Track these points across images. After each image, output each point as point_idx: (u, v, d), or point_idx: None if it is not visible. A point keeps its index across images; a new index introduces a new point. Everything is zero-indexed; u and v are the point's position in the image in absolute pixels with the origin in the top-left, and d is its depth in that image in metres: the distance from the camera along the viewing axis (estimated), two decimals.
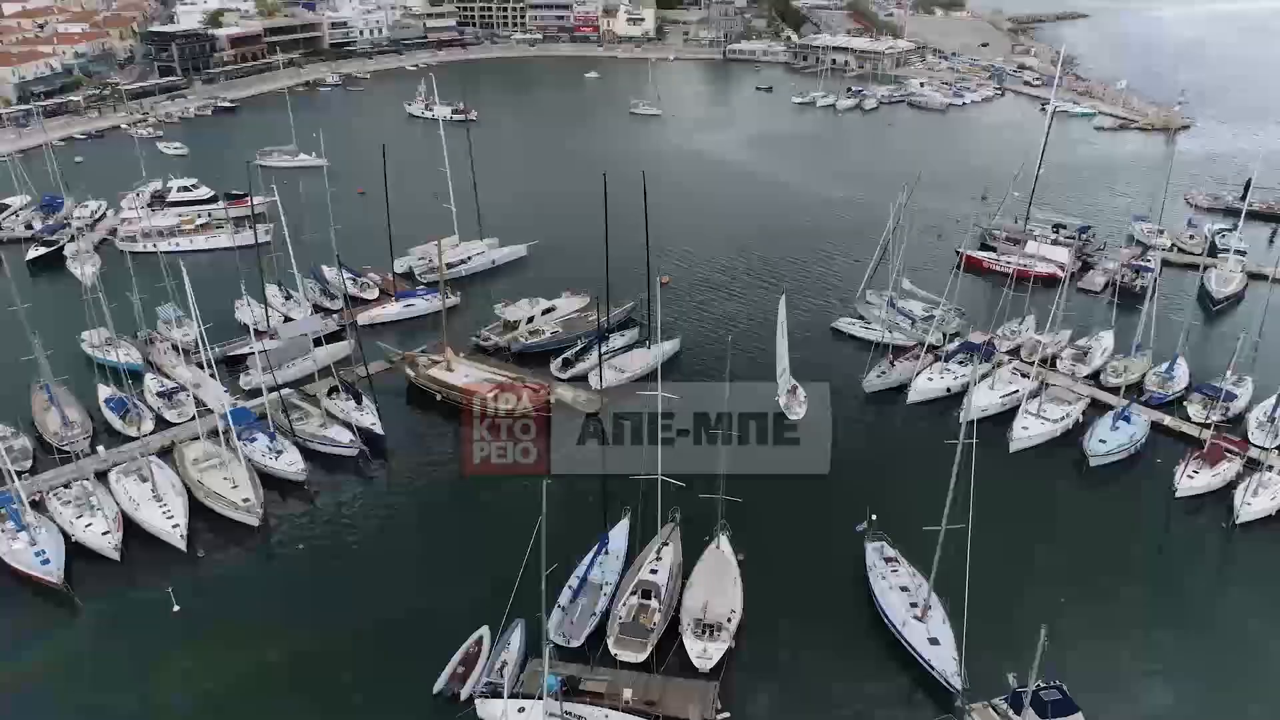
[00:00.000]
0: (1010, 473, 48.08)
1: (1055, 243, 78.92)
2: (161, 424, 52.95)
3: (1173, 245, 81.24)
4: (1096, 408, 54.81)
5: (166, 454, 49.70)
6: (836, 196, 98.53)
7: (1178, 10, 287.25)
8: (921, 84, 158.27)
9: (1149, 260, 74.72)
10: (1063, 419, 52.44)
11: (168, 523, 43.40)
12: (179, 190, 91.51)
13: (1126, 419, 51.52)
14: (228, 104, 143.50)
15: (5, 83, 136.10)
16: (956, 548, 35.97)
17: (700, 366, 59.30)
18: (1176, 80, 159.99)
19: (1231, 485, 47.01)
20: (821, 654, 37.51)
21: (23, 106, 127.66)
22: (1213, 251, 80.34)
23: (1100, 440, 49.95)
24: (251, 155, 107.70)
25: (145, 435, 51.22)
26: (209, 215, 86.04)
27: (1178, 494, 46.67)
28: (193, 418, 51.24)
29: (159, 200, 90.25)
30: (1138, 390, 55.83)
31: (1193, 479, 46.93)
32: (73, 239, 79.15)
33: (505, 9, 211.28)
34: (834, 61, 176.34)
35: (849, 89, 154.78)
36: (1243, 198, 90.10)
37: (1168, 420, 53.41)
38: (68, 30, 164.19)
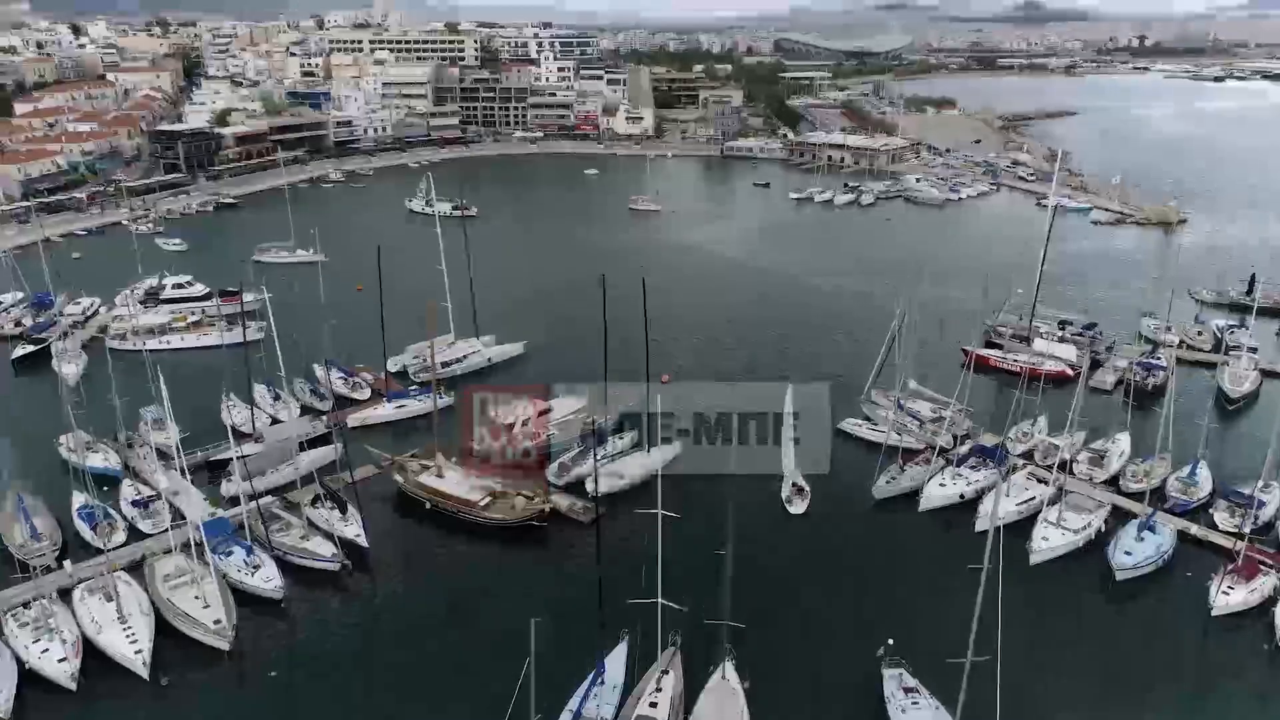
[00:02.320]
0: (1033, 589, 45.10)
1: (1062, 339, 77.58)
2: (135, 535, 50.29)
3: (1181, 342, 79.67)
4: (1117, 515, 52.19)
5: (137, 569, 46.88)
6: (838, 292, 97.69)
7: (1160, 108, 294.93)
8: (918, 179, 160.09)
9: (1159, 358, 73.21)
10: (1084, 529, 49.75)
11: (130, 647, 40.33)
12: (173, 287, 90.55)
13: (1152, 529, 48.86)
14: (230, 200, 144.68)
15: (11, 180, 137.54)
16: (983, 679, 33.08)
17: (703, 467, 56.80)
18: (1167, 175, 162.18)
19: (1270, 601, 44.15)
20: None
21: (24, 203, 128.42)
22: (1221, 348, 78.92)
23: (1126, 552, 47.18)
24: (250, 251, 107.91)
25: (116, 548, 48.45)
26: (202, 312, 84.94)
27: (1214, 612, 43.67)
28: (167, 529, 48.47)
29: (152, 297, 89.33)
30: (1160, 497, 53.29)
31: (1228, 595, 44.01)
32: (63, 336, 77.94)
33: (508, 108, 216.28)
34: (830, 158, 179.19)
35: (846, 184, 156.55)
36: (1248, 293, 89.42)
37: (1195, 529, 50.65)
38: (77, 129, 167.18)
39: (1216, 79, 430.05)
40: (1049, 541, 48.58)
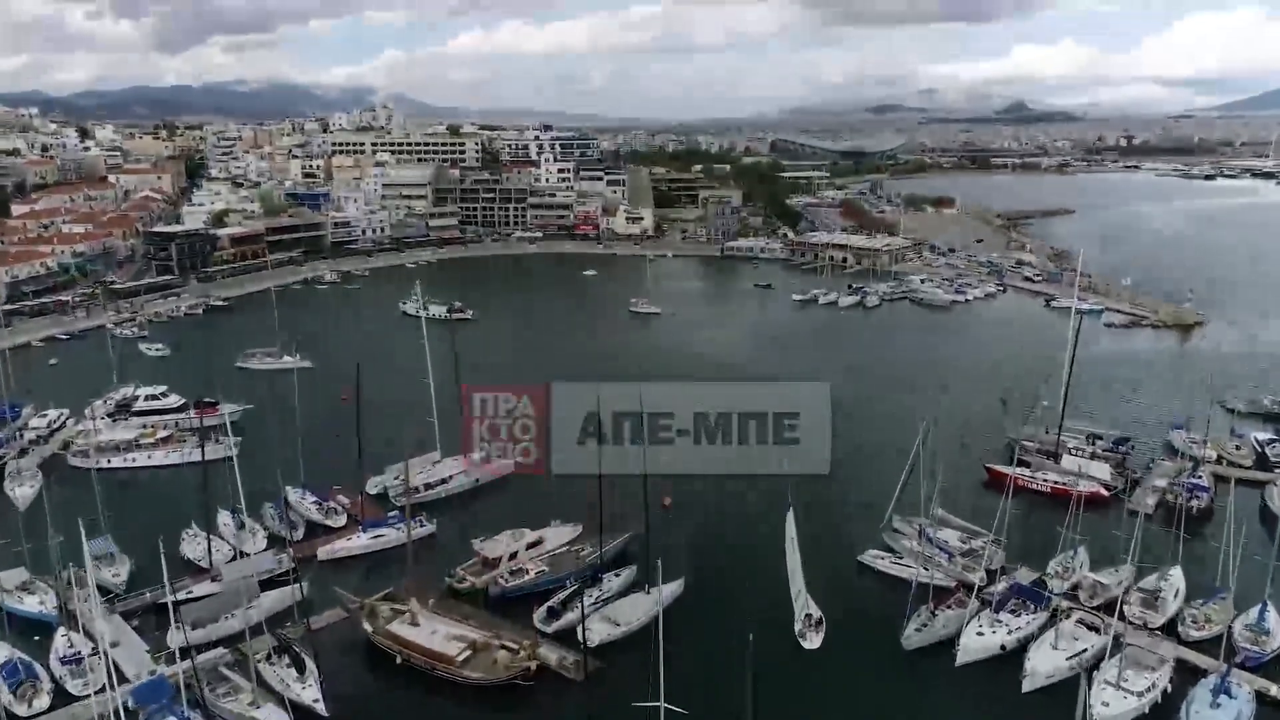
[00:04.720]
0: None
1: (1094, 456, 72.24)
2: (62, 697, 43.99)
3: (1220, 457, 74.26)
4: (1180, 670, 45.90)
5: None
6: (850, 401, 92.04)
7: (1157, 207, 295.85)
8: (923, 280, 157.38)
9: (1201, 476, 67.79)
10: (1149, 690, 43.40)
11: None
12: (145, 398, 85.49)
13: (1228, 691, 42.58)
14: (221, 302, 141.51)
15: None
16: None
17: (709, 614, 50.75)
18: (1174, 275, 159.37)
19: None
20: None
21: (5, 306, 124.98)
22: (1263, 464, 73.69)
23: None
24: (236, 357, 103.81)
25: (34, 717, 42.16)
26: (175, 425, 79.86)
27: None
28: (95, 692, 42.11)
29: (124, 409, 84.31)
30: (1229, 648, 47.02)
31: None
32: (21, 454, 72.86)
33: (507, 208, 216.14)
34: (832, 258, 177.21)
35: (850, 285, 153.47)
36: None
37: (1274, 690, 44.33)
38: (71, 230, 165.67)
39: (1208, 177, 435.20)
40: (1110, 708, 42.19)
